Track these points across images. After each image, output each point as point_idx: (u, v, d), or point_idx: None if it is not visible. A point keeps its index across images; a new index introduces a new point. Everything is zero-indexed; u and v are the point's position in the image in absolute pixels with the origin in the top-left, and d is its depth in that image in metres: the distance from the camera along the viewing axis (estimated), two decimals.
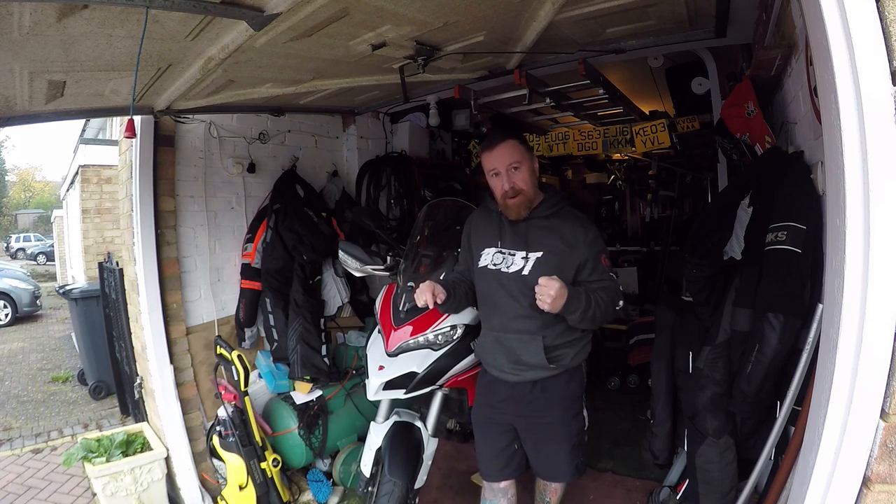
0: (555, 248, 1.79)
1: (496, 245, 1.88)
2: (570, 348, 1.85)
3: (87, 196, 7.84)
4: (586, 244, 1.78)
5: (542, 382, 1.85)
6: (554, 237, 1.80)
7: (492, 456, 1.97)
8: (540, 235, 1.82)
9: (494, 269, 1.85)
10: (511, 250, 1.84)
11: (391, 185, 3.75)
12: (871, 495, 0.86)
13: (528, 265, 1.79)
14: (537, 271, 1.75)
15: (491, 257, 1.87)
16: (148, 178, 2.56)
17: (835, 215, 0.90)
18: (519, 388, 1.87)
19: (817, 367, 1.04)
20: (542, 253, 1.79)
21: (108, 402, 4.69)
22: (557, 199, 1.88)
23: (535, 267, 1.78)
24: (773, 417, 1.56)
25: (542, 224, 1.83)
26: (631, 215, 6.88)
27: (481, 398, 2.01)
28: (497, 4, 1.71)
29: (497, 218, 1.92)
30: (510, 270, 1.81)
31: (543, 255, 1.78)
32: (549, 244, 1.79)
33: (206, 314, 2.88)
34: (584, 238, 1.79)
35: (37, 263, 20.81)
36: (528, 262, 1.79)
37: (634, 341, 3.75)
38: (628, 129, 3.54)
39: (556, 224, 1.82)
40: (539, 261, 1.78)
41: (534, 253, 1.80)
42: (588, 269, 1.79)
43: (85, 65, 1.63)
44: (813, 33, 0.92)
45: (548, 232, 1.81)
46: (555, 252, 1.78)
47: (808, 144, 1.59)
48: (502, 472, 1.97)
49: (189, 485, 2.68)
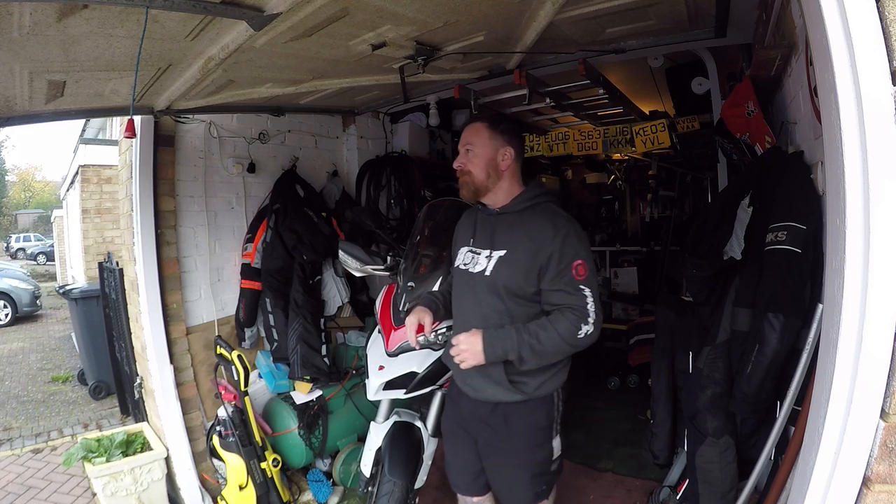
0: (520, 246, 1.59)
1: (469, 243, 1.75)
2: (530, 378, 1.62)
3: (87, 196, 7.85)
4: (553, 243, 1.54)
5: (504, 408, 1.66)
6: (521, 233, 1.61)
7: (460, 469, 1.87)
8: (507, 232, 1.64)
9: (464, 268, 1.71)
10: (478, 248, 1.70)
11: (391, 185, 3.75)
12: (871, 495, 0.86)
13: (490, 265, 1.63)
14: (498, 272, 1.60)
15: (463, 256, 1.75)
16: (148, 178, 2.56)
17: (835, 215, 0.90)
18: (480, 407, 1.71)
19: (817, 367, 1.04)
20: (506, 251, 1.61)
21: (108, 402, 4.69)
22: (536, 194, 1.67)
23: (497, 267, 1.61)
24: (773, 417, 1.56)
25: (512, 219, 1.65)
26: (631, 215, 6.88)
27: (449, 409, 1.92)
28: (497, 4, 1.71)
29: (474, 214, 1.80)
30: (475, 271, 1.67)
31: (507, 253, 1.61)
32: (515, 241, 1.61)
33: (206, 314, 2.88)
34: (553, 236, 1.54)
35: (37, 263, 20.82)
36: (490, 262, 1.63)
37: (634, 341, 3.74)
38: (628, 129, 3.54)
39: (527, 219, 1.63)
40: (501, 260, 1.61)
41: (497, 251, 1.63)
42: (549, 275, 1.54)
43: (85, 65, 1.63)
44: (813, 33, 0.92)
45: (516, 228, 1.63)
46: (519, 250, 1.59)
47: (808, 144, 1.59)
48: (471, 486, 1.87)
49: (189, 485, 2.68)
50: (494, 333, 1.53)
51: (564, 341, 1.50)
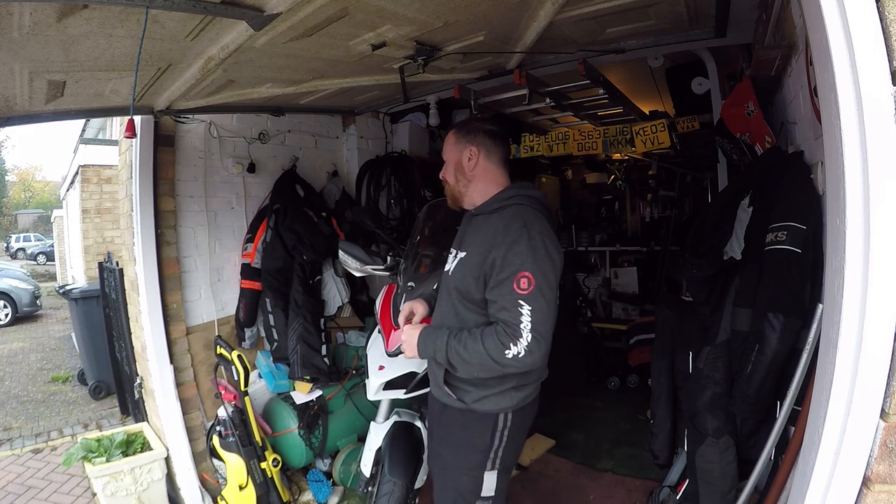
0: (475, 249, 1.54)
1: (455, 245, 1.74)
2: (470, 387, 1.55)
3: (87, 196, 7.85)
4: (498, 250, 1.44)
5: (449, 412, 1.63)
6: (481, 234, 1.56)
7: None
8: (473, 233, 1.61)
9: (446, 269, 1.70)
10: (453, 248, 1.70)
11: (391, 185, 3.74)
12: (871, 495, 0.86)
13: (452, 266, 1.63)
14: (455, 273, 1.60)
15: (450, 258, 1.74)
16: (148, 178, 2.56)
17: (835, 215, 0.90)
18: (435, 404, 1.71)
19: (817, 367, 1.04)
20: (466, 253, 1.58)
21: (108, 402, 4.69)
22: (510, 195, 1.57)
23: (456, 268, 1.60)
24: (773, 417, 1.56)
25: (481, 221, 1.61)
26: (631, 215, 6.87)
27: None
28: (497, 4, 1.71)
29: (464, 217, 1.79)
30: (447, 270, 1.66)
31: (467, 255, 1.57)
32: (475, 244, 1.56)
33: (206, 314, 2.88)
34: (501, 241, 1.45)
35: (37, 263, 20.82)
36: (453, 263, 1.63)
37: (634, 341, 3.74)
38: (628, 129, 3.53)
39: (492, 220, 1.55)
40: (460, 261, 1.59)
41: (461, 252, 1.61)
42: (491, 283, 1.45)
43: (85, 65, 1.63)
44: (813, 33, 0.92)
45: (480, 229, 1.58)
46: (475, 253, 1.54)
47: (808, 144, 1.59)
48: None
49: (189, 485, 2.68)
50: (431, 332, 1.54)
51: (491, 358, 1.39)
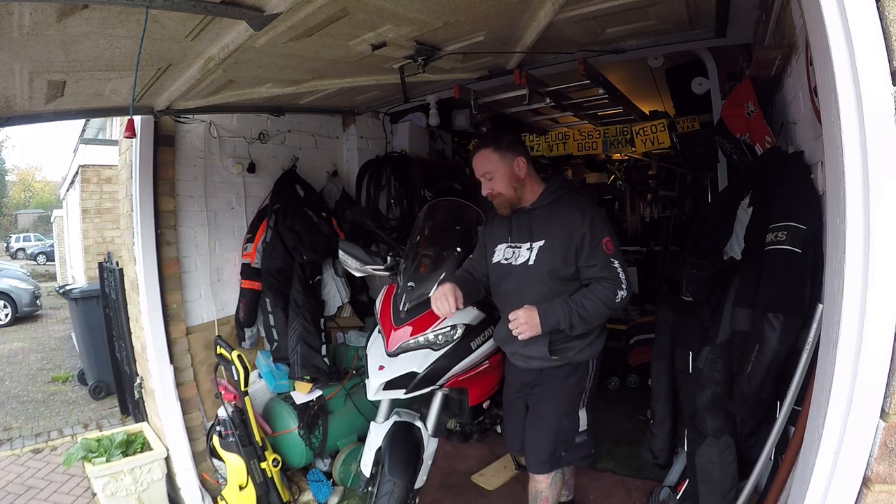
0: (555, 235, 1.85)
1: (507, 240, 1.99)
2: (575, 341, 1.90)
3: (87, 196, 7.85)
4: (583, 227, 1.81)
5: (545, 371, 1.97)
6: (554, 224, 1.87)
7: (516, 433, 2.11)
8: (542, 224, 1.90)
9: (506, 263, 1.95)
10: (518, 243, 1.94)
11: (391, 185, 3.74)
12: (871, 495, 0.86)
13: (532, 255, 1.87)
14: (541, 260, 1.85)
15: (503, 252, 1.98)
16: (148, 178, 2.56)
17: (835, 215, 0.90)
18: (528, 374, 2.03)
19: (817, 367, 1.04)
20: (545, 241, 1.86)
21: (108, 402, 4.69)
22: (557, 188, 1.95)
23: (539, 256, 1.86)
24: (773, 417, 1.56)
25: (544, 213, 1.91)
26: (631, 215, 6.88)
27: (507, 380, 2.21)
28: (497, 4, 1.71)
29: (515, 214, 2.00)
30: (518, 263, 1.91)
31: (545, 242, 1.86)
32: (550, 231, 1.86)
33: (206, 314, 2.88)
34: (581, 220, 1.82)
35: (37, 263, 20.82)
36: (532, 252, 1.88)
37: (634, 341, 3.74)
38: (628, 129, 3.54)
39: (556, 211, 1.89)
40: (542, 249, 1.86)
41: (537, 242, 1.88)
42: (585, 253, 1.82)
43: (85, 65, 1.63)
44: (813, 33, 0.92)
45: (549, 220, 1.89)
46: (555, 238, 1.85)
47: (808, 144, 1.59)
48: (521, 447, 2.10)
49: (189, 485, 2.68)
50: (547, 307, 1.77)
51: (605, 306, 1.78)
